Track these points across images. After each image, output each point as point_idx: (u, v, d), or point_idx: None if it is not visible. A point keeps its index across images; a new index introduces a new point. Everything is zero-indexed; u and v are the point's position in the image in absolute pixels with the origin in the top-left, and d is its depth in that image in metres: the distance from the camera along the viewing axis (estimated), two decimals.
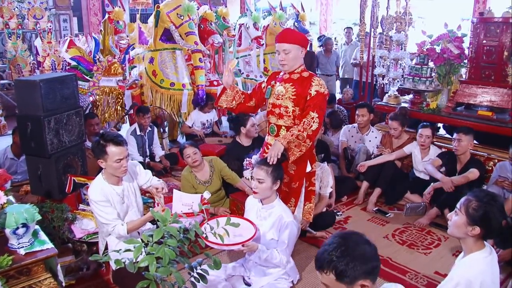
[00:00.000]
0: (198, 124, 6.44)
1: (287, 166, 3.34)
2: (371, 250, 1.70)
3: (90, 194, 2.93)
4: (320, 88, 3.21)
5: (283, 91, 3.30)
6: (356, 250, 1.67)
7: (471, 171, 4.17)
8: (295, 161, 3.27)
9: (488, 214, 2.11)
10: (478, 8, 8.80)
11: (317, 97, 3.18)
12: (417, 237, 4.09)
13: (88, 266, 3.34)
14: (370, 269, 1.67)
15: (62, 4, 10.58)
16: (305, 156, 3.33)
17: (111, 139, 2.87)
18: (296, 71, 3.29)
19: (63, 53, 5.64)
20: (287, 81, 3.30)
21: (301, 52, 3.25)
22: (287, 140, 3.07)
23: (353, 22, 13.09)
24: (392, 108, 5.59)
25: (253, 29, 7.20)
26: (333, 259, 1.66)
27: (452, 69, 5.26)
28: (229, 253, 3.63)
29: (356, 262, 1.65)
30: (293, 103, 3.27)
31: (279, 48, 3.24)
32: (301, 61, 3.31)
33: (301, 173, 3.40)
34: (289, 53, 3.19)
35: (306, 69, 3.35)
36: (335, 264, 1.66)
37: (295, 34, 3.35)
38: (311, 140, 3.16)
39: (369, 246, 1.71)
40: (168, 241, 1.88)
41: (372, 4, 6.43)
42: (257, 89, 3.56)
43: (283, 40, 3.20)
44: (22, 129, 3.55)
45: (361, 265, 1.65)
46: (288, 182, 3.41)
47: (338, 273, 1.66)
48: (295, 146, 3.11)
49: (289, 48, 3.18)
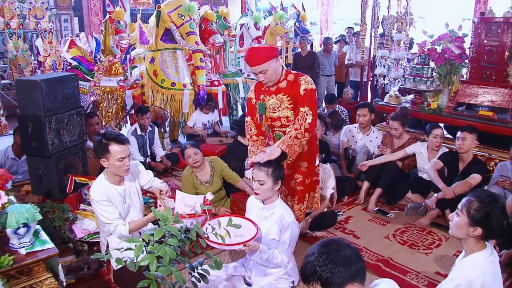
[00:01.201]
0: (199, 125, 6.45)
1: (299, 166, 3.39)
2: (352, 253, 1.69)
3: (92, 194, 2.93)
4: (308, 85, 3.18)
5: (277, 103, 3.28)
6: (337, 256, 1.66)
7: (472, 177, 4.13)
8: (306, 158, 3.34)
9: (490, 214, 2.11)
10: (479, 8, 8.81)
11: (306, 94, 3.17)
12: (418, 237, 4.09)
13: (89, 266, 3.34)
14: (355, 272, 1.66)
15: (63, 4, 10.59)
16: (314, 150, 3.42)
17: (113, 138, 2.88)
18: (281, 79, 3.25)
19: (64, 53, 5.66)
20: (277, 92, 3.27)
21: (277, 62, 3.18)
22: (286, 144, 3.05)
23: (354, 22, 13.11)
24: (393, 108, 5.59)
25: (254, 29, 7.21)
26: (316, 269, 1.66)
27: (453, 69, 5.26)
28: (231, 253, 3.63)
29: (339, 267, 1.64)
30: (293, 111, 3.26)
31: (255, 71, 3.18)
32: (280, 69, 3.24)
33: (312, 167, 3.46)
34: (267, 71, 3.14)
35: (289, 71, 3.31)
36: (319, 274, 1.65)
37: (263, 51, 3.18)
38: (310, 133, 3.14)
39: (349, 249, 1.70)
40: (169, 240, 1.88)
41: (373, 4, 6.43)
42: (251, 107, 3.47)
43: (255, 63, 3.12)
44: (23, 129, 3.56)
45: (344, 270, 1.64)
46: (303, 180, 3.44)
47: (324, 281, 1.65)
48: (298, 146, 3.11)
49: (264, 67, 3.12)
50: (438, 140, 4.57)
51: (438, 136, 4.57)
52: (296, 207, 3.49)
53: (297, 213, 3.44)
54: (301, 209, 3.50)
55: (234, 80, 7.15)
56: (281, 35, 7.60)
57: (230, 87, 7.12)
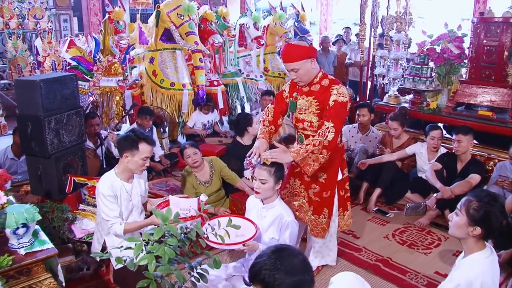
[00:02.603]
0: (198, 125, 6.45)
1: (317, 176, 3.16)
2: (300, 263, 1.69)
3: (100, 187, 2.97)
4: (339, 97, 2.97)
5: (306, 105, 3.14)
6: (284, 263, 1.67)
7: (471, 177, 4.14)
8: (325, 169, 3.11)
9: (489, 214, 2.11)
10: (478, 8, 8.81)
11: (334, 106, 2.97)
12: (417, 237, 4.09)
13: (88, 266, 3.34)
14: (298, 282, 1.66)
15: (62, 4, 10.58)
16: (336, 163, 3.18)
17: (145, 138, 3.00)
18: (315, 82, 3.09)
19: (63, 53, 5.65)
20: (308, 94, 3.13)
21: (311, 63, 3.03)
22: (301, 157, 2.86)
23: (353, 22, 13.11)
24: (392, 108, 5.59)
25: (253, 29, 7.20)
26: (262, 271, 1.67)
27: (452, 69, 5.27)
28: (230, 253, 3.63)
29: (282, 275, 1.64)
30: (318, 117, 3.09)
31: (287, 68, 3.10)
32: (315, 71, 3.09)
33: (332, 181, 3.22)
34: (299, 70, 3.02)
35: (326, 75, 3.12)
36: (263, 276, 1.66)
37: (298, 49, 3.04)
38: (328, 151, 2.88)
39: (299, 259, 1.70)
40: (168, 240, 1.88)
41: (373, 4, 6.43)
42: (279, 99, 3.35)
43: (288, 60, 3.04)
44: (22, 129, 3.56)
45: (287, 278, 1.64)
46: (319, 192, 3.22)
47: (265, 285, 1.66)
48: (313, 161, 2.89)
49: (297, 66, 3.01)
50: (435, 141, 4.58)
51: (435, 138, 4.57)
52: (312, 217, 3.28)
53: (312, 223, 3.29)
54: (316, 221, 3.27)
55: (233, 80, 7.14)
56: (281, 35, 7.59)
57: (230, 87, 7.11)
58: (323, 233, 3.29)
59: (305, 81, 3.09)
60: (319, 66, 3.14)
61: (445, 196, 4.11)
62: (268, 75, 7.60)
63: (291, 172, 3.35)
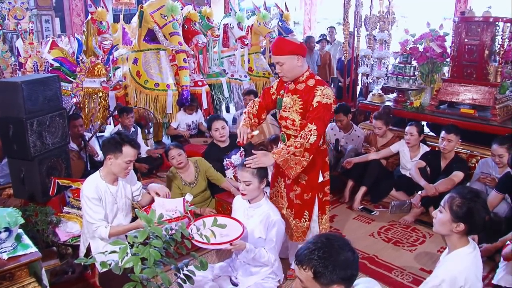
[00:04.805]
0: (183, 126, 6.42)
1: (299, 177, 3.13)
2: (353, 259, 1.71)
3: (84, 189, 2.94)
4: (323, 98, 2.95)
5: (290, 103, 3.12)
6: (339, 255, 1.68)
7: (455, 175, 4.20)
8: (306, 170, 3.06)
9: (472, 210, 2.14)
10: (459, 7, 8.92)
11: (318, 108, 2.95)
12: (402, 235, 4.13)
13: (73, 270, 3.31)
14: (348, 276, 1.69)
15: (43, 5, 10.43)
16: (317, 165, 3.15)
17: (129, 141, 2.97)
18: (301, 80, 3.08)
19: (45, 54, 5.58)
20: (293, 92, 3.12)
21: (297, 60, 3.02)
22: (282, 158, 2.87)
23: (337, 22, 13.18)
24: (376, 106, 5.63)
25: (237, 29, 7.20)
26: (314, 258, 1.68)
27: (435, 68, 5.33)
28: (217, 253, 3.62)
29: (336, 266, 1.66)
30: (300, 117, 3.07)
31: (274, 60, 3.10)
32: (302, 69, 3.06)
33: (313, 183, 3.19)
34: (283, 64, 3.02)
35: (312, 75, 3.10)
36: (314, 264, 1.67)
37: (288, 43, 3.03)
38: (310, 154, 2.89)
39: (352, 254, 1.72)
40: (153, 242, 1.87)
41: (356, 3, 6.47)
42: (266, 94, 3.35)
43: (276, 52, 3.04)
44: (4, 132, 3.50)
45: (340, 271, 1.66)
46: (300, 194, 3.20)
47: (316, 273, 1.67)
48: (295, 164, 2.90)
49: (282, 59, 3.01)
50: (408, 137, 4.67)
51: (408, 134, 4.67)
52: (292, 222, 3.24)
53: (293, 229, 3.25)
54: (297, 225, 3.24)
55: (217, 80, 7.13)
56: (264, 35, 7.60)
57: (214, 87, 7.11)
58: (303, 236, 3.27)
59: (290, 77, 3.09)
60: (307, 65, 3.14)
61: (429, 194, 4.17)
62: (252, 75, 7.60)
63: (277, 171, 3.35)
